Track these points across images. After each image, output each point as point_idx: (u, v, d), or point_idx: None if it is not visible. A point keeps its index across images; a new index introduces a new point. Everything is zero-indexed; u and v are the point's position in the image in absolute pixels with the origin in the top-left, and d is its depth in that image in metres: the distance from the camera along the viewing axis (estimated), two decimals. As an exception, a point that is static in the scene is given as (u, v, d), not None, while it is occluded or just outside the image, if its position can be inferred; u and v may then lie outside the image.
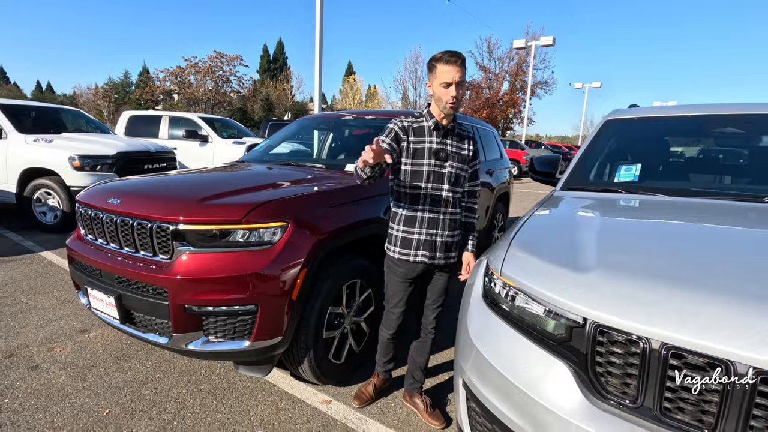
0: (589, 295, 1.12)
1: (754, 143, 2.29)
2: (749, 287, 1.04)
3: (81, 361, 2.78)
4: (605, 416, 1.06)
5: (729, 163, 2.29)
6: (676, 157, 2.42)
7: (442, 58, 1.90)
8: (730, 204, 1.78)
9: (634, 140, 2.61)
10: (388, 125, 2.05)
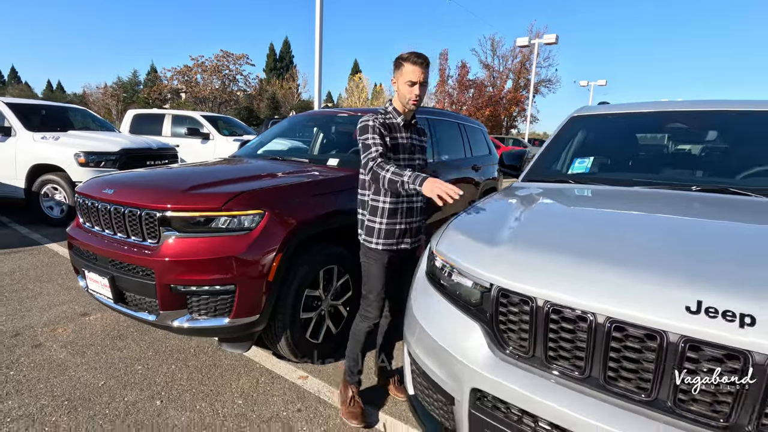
0: (495, 264, 1.31)
1: (699, 138, 2.45)
2: (635, 258, 1.21)
3: (81, 340, 3.01)
4: (505, 366, 1.25)
5: (673, 156, 2.45)
6: (628, 150, 2.58)
7: (410, 58, 2.02)
8: (660, 192, 1.95)
9: (594, 135, 2.78)
10: (367, 124, 2.07)
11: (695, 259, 1.16)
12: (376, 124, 2.07)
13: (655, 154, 2.52)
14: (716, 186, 1.91)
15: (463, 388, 1.31)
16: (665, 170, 2.34)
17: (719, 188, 1.90)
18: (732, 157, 2.22)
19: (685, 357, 0.98)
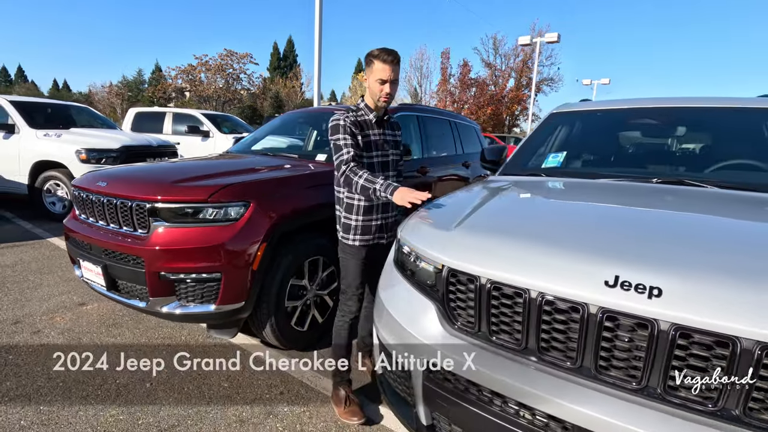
0: (446, 247, 1.41)
1: (667, 133, 2.53)
2: (569, 240, 1.31)
3: (77, 327, 3.14)
4: (454, 340, 1.35)
5: (642, 150, 2.54)
6: (600, 145, 2.67)
7: (380, 56, 2.02)
8: (621, 183, 2.04)
9: (570, 131, 2.86)
10: (337, 123, 2.07)
11: (622, 241, 1.26)
12: (347, 123, 2.06)
13: (625, 148, 2.61)
14: (674, 178, 2.00)
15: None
16: (633, 163, 2.43)
17: (676, 180, 1.99)
18: (696, 151, 2.30)
19: (604, 326, 1.08)
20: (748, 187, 1.86)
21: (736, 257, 1.12)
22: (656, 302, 1.00)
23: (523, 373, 1.20)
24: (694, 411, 1.00)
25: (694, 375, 1.00)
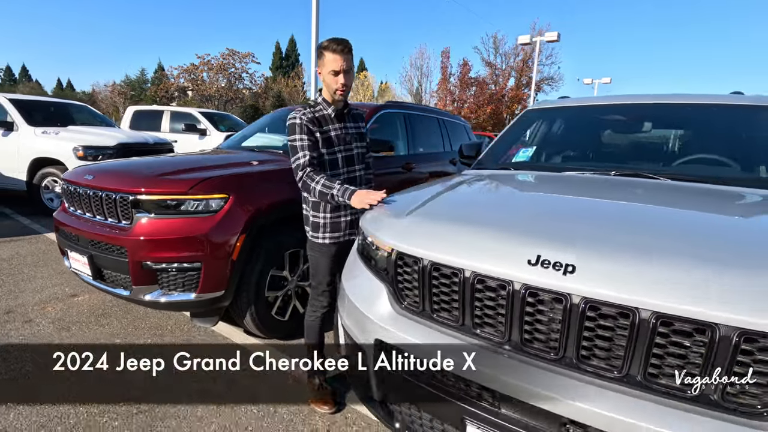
0: (395, 232, 1.50)
1: (632, 128, 2.61)
2: (504, 224, 1.40)
3: (68, 317, 3.25)
4: (402, 319, 1.45)
5: (608, 144, 2.62)
6: (569, 139, 2.75)
7: (329, 46, 1.95)
8: (579, 176, 2.12)
9: (544, 126, 2.95)
10: (294, 122, 2.02)
11: (551, 224, 1.35)
12: (304, 122, 1.99)
13: (592, 143, 2.68)
14: (631, 171, 2.08)
15: (369, 339, 1.51)
16: (596, 157, 2.50)
17: (633, 173, 2.07)
18: (658, 145, 2.38)
19: (527, 302, 1.17)
20: (697, 179, 1.94)
21: (648, 238, 1.20)
22: (570, 278, 1.09)
23: (459, 348, 1.29)
24: (604, 378, 1.09)
25: (603, 344, 1.08)
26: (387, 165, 4.07)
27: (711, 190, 1.79)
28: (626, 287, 1.02)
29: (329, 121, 2.10)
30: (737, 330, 0.93)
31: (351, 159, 2.18)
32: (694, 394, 0.99)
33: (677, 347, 1.00)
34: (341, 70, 1.98)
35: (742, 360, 0.94)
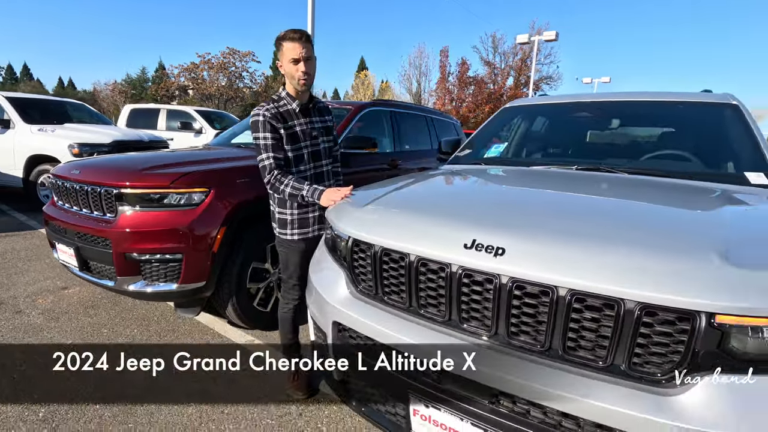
0: (352, 221, 1.58)
1: (600, 125, 2.69)
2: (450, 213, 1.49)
3: (57, 308, 3.35)
4: (357, 302, 1.53)
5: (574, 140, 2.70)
6: (540, 135, 2.84)
7: (286, 35, 1.93)
8: (541, 170, 2.21)
9: (518, 123, 3.03)
10: (257, 119, 1.99)
11: (492, 212, 1.44)
12: (267, 118, 1.96)
13: (561, 138, 2.77)
14: (592, 165, 2.17)
15: (328, 322, 1.60)
16: (563, 152, 2.59)
17: (593, 167, 2.15)
18: (621, 140, 2.46)
19: (463, 283, 1.25)
20: (650, 173, 2.03)
21: (577, 224, 1.29)
22: (499, 260, 1.17)
23: (406, 327, 1.37)
24: (530, 352, 1.18)
25: (529, 321, 1.17)
26: (372, 162, 4.16)
27: (658, 183, 1.88)
28: (547, 267, 1.11)
29: (294, 116, 2.07)
30: (640, 304, 1.01)
31: (318, 154, 2.18)
32: (606, 364, 1.08)
33: (590, 322, 1.08)
34: (301, 57, 1.94)
35: (644, 332, 1.03)
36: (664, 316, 1.00)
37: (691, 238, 1.18)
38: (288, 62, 1.96)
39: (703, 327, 0.97)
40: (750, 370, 0.97)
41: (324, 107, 2.29)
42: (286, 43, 1.95)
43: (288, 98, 2.09)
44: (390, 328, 1.39)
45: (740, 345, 0.99)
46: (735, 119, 2.32)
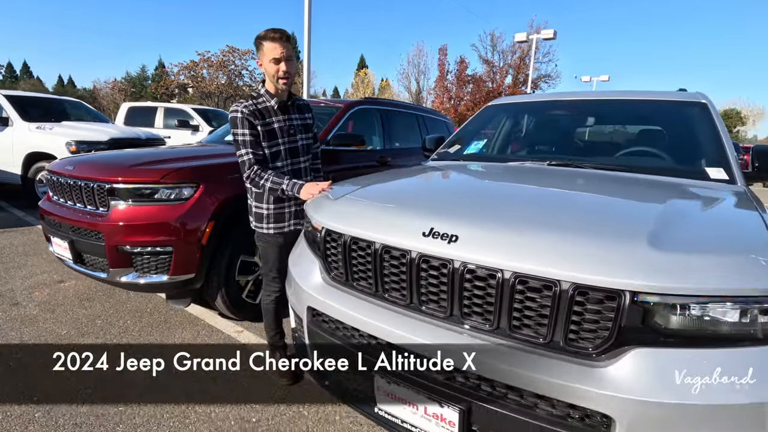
0: (326, 212, 1.68)
1: (574, 122, 2.79)
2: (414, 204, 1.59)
3: (53, 300, 3.45)
4: (329, 288, 1.63)
5: (549, 137, 2.80)
6: (517, 132, 2.94)
7: (267, 35, 1.98)
8: (515, 165, 2.31)
9: (499, 121, 3.13)
10: (235, 115, 2.05)
11: (451, 203, 1.54)
12: (245, 115, 2.01)
13: (537, 135, 2.87)
14: (563, 161, 2.27)
15: (304, 308, 1.70)
16: (538, 148, 2.69)
17: (565, 163, 2.25)
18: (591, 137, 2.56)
19: (421, 268, 1.35)
20: (620, 169, 2.13)
21: (528, 213, 1.39)
22: (453, 246, 1.27)
23: (372, 311, 1.47)
24: (481, 331, 1.28)
25: (479, 302, 1.27)
26: (361, 159, 4.26)
27: (620, 177, 1.98)
28: (493, 253, 1.21)
29: (272, 113, 2.11)
30: (573, 285, 1.11)
31: (295, 151, 2.22)
32: (546, 341, 1.18)
33: (532, 302, 1.18)
34: (282, 57, 2.00)
35: (578, 311, 1.13)
36: (594, 295, 1.10)
37: (625, 226, 1.28)
38: (268, 62, 2.02)
39: (628, 305, 1.07)
40: (670, 343, 1.07)
41: (304, 105, 2.33)
42: (267, 43, 2.00)
43: (267, 95, 2.14)
44: (358, 312, 1.49)
45: (661, 321, 1.08)
46: (702, 117, 2.41)
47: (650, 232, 1.19)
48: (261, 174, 2.04)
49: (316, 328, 1.66)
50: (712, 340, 1.07)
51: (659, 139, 2.45)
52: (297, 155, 2.25)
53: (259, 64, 2.12)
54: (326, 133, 3.89)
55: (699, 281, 1.04)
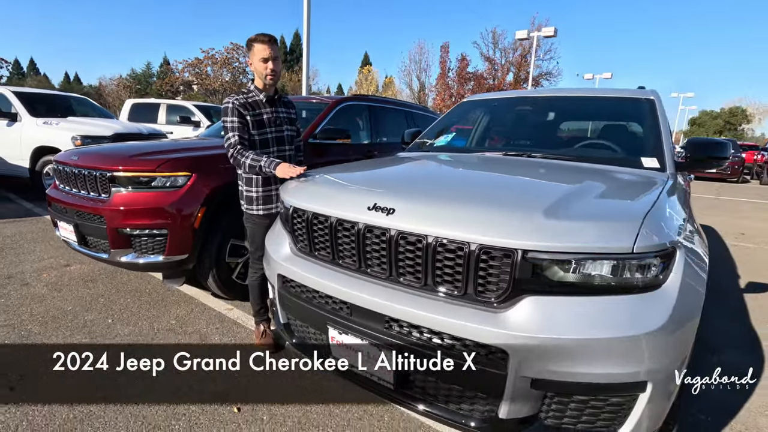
0: (292, 192, 1.95)
1: (534, 117, 3.03)
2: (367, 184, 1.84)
3: (60, 282, 3.74)
4: (296, 258, 1.90)
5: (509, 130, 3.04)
6: (483, 126, 3.18)
7: (257, 38, 2.31)
8: (474, 155, 2.56)
9: (470, 115, 3.38)
10: (227, 106, 2.33)
11: (395, 182, 1.79)
12: (236, 105, 2.30)
13: (500, 128, 3.12)
14: (518, 152, 2.51)
15: (275, 275, 1.96)
16: (498, 140, 2.94)
17: (518, 153, 2.50)
18: (552, 131, 2.80)
19: (366, 237, 1.61)
20: (565, 158, 2.38)
21: (457, 191, 1.64)
22: (390, 218, 1.53)
23: (330, 275, 1.73)
24: (413, 288, 1.53)
25: (410, 263, 1.53)
26: (348, 152, 4.51)
27: (559, 165, 2.24)
28: (420, 222, 1.46)
29: (261, 105, 2.42)
30: (480, 246, 1.36)
31: (282, 139, 2.53)
32: (461, 293, 1.44)
33: (449, 261, 1.44)
34: (270, 57, 2.32)
35: (483, 267, 1.38)
36: (495, 254, 1.36)
37: (531, 200, 1.53)
38: (258, 61, 2.33)
39: (520, 261, 1.32)
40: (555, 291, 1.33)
41: (288, 101, 2.65)
42: (257, 45, 2.32)
43: (256, 90, 2.44)
44: (318, 276, 1.75)
45: (548, 274, 1.34)
46: (647, 112, 2.65)
47: (551, 204, 1.45)
48: (243, 153, 2.30)
49: (285, 292, 1.93)
50: (587, 289, 1.33)
51: (607, 132, 2.69)
52: (283, 144, 2.55)
53: (249, 63, 2.43)
54: (314, 127, 4.15)
55: (574, 241, 1.29)
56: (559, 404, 1.38)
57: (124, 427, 2.06)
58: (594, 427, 1.38)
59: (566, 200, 1.52)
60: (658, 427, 1.41)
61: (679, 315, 1.32)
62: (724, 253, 5.94)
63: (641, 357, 1.27)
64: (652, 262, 1.33)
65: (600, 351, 1.26)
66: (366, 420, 2.16)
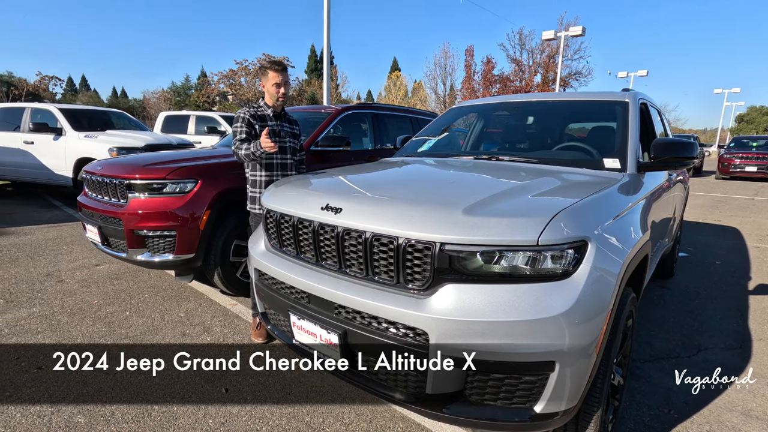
0: (267, 197, 2.19)
1: (515, 122, 3.14)
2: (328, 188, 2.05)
3: (90, 279, 4.17)
4: (269, 254, 2.13)
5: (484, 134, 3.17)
6: (461, 131, 3.33)
7: (272, 67, 2.80)
8: (447, 159, 2.72)
9: (456, 121, 3.54)
10: (239, 115, 2.80)
11: (352, 186, 1.99)
12: (246, 116, 2.78)
13: (477, 133, 3.25)
14: (488, 155, 2.67)
15: (252, 270, 2.21)
16: (472, 145, 3.08)
17: (489, 156, 2.65)
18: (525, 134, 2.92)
19: (319, 233, 1.82)
20: (530, 161, 2.51)
21: (396, 191, 1.83)
22: (338, 216, 1.73)
23: (293, 268, 1.96)
24: (357, 278, 1.73)
25: (354, 257, 1.72)
26: (349, 159, 4.75)
27: (519, 167, 2.37)
28: (360, 219, 1.66)
29: (268, 118, 2.87)
30: (406, 239, 1.55)
31: (284, 149, 2.90)
32: (394, 282, 1.62)
33: (384, 253, 1.63)
34: (281, 83, 2.80)
35: (409, 258, 1.56)
36: (417, 246, 1.54)
37: (458, 198, 1.69)
38: (271, 85, 2.81)
39: (438, 253, 1.50)
40: (470, 280, 1.49)
41: (293, 119, 3.08)
42: (271, 72, 2.79)
43: (265, 106, 2.91)
44: (284, 270, 1.98)
45: (462, 264, 1.50)
46: (619, 114, 2.73)
47: (475, 203, 1.61)
48: (240, 146, 2.71)
49: (260, 284, 2.17)
50: (499, 278, 1.48)
51: (579, 135, 2.78)
52: (285, 153, 2.93)
53: (262, 85, 2.89)
54: (317, 134, 4.42)
55: (485, 234, 1.45)
56: (480, 382, 1.54)
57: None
58: (512, 403, 1.53)
59: (493, 199, 1.68)
60: (573, 404, 1.54)
61: (585, 302, 1.45)
62: (741, 254, 5.76)
63: (546, 339, 1.42)
64: (559, 254, 1.47)
65: (507, 332, 1.42)
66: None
